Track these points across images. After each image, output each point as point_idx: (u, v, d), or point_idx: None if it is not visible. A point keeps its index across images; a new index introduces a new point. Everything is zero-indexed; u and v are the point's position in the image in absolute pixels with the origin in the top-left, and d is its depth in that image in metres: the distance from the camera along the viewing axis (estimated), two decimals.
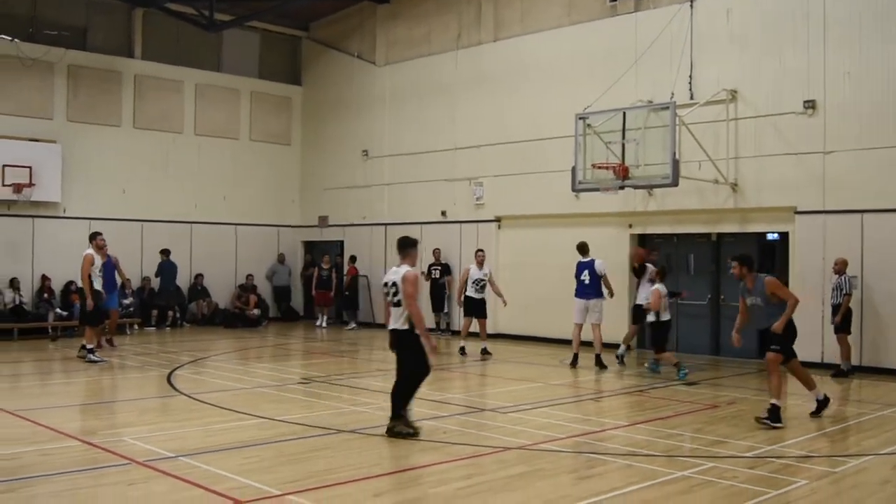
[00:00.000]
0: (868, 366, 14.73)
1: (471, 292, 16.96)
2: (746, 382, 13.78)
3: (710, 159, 16.09)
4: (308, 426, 9.72)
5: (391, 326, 9.34)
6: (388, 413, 9.35)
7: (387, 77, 23.55)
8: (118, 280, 18.18)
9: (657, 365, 14.45)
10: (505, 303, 17.53)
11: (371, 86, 23.98)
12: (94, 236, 16.14)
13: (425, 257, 21.26)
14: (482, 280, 16.99)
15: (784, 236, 16.24)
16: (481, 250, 17.66)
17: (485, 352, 16.56)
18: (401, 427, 9.13)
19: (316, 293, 23.79)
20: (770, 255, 16.86)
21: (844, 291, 14.13)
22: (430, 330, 20.48)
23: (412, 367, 9.28)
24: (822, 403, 10.62)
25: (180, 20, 22.40)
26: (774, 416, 9.87)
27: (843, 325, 14.22)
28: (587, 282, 15.36)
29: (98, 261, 15.72)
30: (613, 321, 16.47)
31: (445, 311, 21.26)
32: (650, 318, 14.26)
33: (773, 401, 9.95)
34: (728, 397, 11.99)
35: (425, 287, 20.59)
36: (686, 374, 13.68)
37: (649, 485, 7.38)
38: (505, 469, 7.92)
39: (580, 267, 15.50)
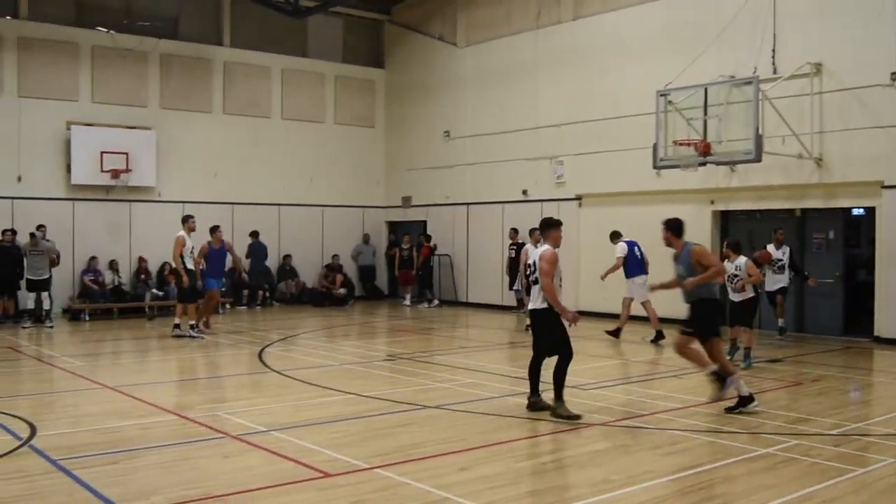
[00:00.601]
0: None
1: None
2: (831, 360, 13.60)
3: (793, 134, 15.77)
4: (394, 402, 9.94)
5: (530, 306, 9.39)
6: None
7: (468, 58, 23.65)
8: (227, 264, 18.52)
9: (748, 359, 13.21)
10: None
11: (453, 67, 24.12)
12: (186, 219, 16.64)
13: (507, 237, 21.48)
14: None
15: (870, 211, 15.87)
16: (536, 229, 17.56)
17: None
18: (562, 409, 9.01)
19: (399, 273, 24.22)
20: (855, 230, 16.52)
21: None
22: (512, 308, 20.90)
23: (550, 346, 9.27)
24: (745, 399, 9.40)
25: (267, 7, 22.80)
26: (723, 374, 9.29)
27: None
28: (639, 256, 15.70)
29: (189, 242, 16.21)
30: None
31: (518, 288, 21.38)
32: (750, 292, 12.94)
33: (712, 369, 9.35)
34: (812, 374, 11.86)
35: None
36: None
37: (733, 461, 7.39)
38: (587, 445, 8.00)
39: (630, 245, 15.70)
